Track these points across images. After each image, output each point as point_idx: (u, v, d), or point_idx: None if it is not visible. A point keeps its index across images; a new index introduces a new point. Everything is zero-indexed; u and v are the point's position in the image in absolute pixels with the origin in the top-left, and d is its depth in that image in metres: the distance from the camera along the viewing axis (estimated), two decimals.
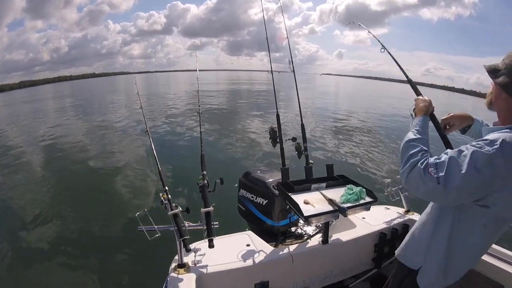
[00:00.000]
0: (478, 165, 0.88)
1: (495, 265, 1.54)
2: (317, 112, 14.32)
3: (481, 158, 0.88)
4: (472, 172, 0.88)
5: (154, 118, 12.24)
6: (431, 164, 0.93)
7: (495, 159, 0.87)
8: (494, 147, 0.88)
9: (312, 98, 21.97)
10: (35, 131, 10.93)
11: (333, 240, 1.71)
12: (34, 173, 6.13)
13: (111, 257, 3.24)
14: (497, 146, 0.87)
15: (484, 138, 0.93)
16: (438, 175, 0.90)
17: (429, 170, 0.92)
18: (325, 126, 10.77)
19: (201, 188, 1.55)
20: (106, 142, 8.55)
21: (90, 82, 65.50)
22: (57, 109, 17.45)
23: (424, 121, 1.12)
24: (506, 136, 0.90)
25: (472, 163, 0.88)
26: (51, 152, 7.67)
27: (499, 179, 0.89)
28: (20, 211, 4.39)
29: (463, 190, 0.91)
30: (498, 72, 0.99)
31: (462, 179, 0.88)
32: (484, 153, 0.88)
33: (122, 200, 4.65)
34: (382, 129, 10.48)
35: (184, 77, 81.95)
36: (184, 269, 1.40)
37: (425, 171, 0.93)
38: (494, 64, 1.02)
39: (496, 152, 0.87)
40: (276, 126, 1.99)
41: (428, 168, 0.93)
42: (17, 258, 3.26)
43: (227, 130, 9.90)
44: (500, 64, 1.00)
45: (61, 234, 3.70)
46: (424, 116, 1.14)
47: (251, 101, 19.65)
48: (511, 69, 0.96)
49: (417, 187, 0.96)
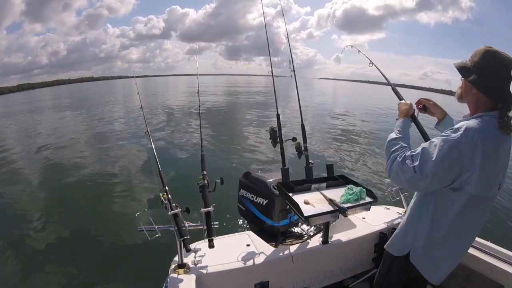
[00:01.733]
0: (445, 150, 1.01)
1: (495, 265, 1.54)
2: (317, 113, 14.33)
3: (448, 143, 1.01)
4: (441, 157, 1.01)
5: (154, 118, 12.26)
6: (408, 156, 1.08)
7: (460, 143, 1.00)
8: (459, 132, 1.01)
9: (312, 100, 22.01)
10: (34, 132, 10.95)
11: (333, 240, 1.70)
12: (34, 174, 6.13)
13: (111, 257, 3.24)
14: (461, 132, 1.01)
15: (451, 128, 1.06)
16: (414, 165, 1.05)
17: (406, 162, 1.07)
18: (325, 126, 10.79)
19: (201, 188, 1.55)
20: (106, 143, 8.55)
21: (89, 86, 65.62)
22: (56, 111, 17.41)
23: (404, 122, 1.29)
24: (469, 123, 1.04)
25: (441, 149, 1.02)
26: (51, 153, 7.67)
27: (466, 159, 1.01)
28: (20, 212, 4.39)
29: (436, 173, 1.03)
30: (467, 70, 1.10)
31: (434, 164, 1.02)
32: (450, 139, 1.02)
33: (122, 200, 4.65)
34: (382, 129, 10.50)
35: (183, 81, 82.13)
36: (184, 269, 1.40)
37: (403, 163, 1.08)
38: (463, 62, 1.13)
39: (461, 136, 1.00)
40: (276, 126, 1.99)
41: (406, 160, 1.08)
42: (17, 258, 3.26)
43: (227, 130, 9.91)
44: (468, 62, 1.11)
45: (61, 234, 3.69)
46: (405, 118, 1.31)
47: (250, 102, 19.67)
48: (479, 66, 1.07)
49: (398, 178, 1.12)
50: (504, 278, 1.51)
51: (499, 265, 1.53)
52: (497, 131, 1.03)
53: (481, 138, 1.00)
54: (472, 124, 1.03)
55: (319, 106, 18.57)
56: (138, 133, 9.03)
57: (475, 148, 1.00)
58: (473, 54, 1.11)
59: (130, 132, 9.91)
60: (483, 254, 1.60)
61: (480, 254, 1.60)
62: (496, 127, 1.04)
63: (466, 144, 1.00)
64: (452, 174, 1.03)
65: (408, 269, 1.24)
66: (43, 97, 34.13)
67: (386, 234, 1.83)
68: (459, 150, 1.00)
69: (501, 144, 1.05)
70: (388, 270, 1.33)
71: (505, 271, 1.50)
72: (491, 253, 1.59)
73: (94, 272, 2.98)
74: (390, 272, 1.32)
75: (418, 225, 1.20)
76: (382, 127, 11.06)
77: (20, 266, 3.13)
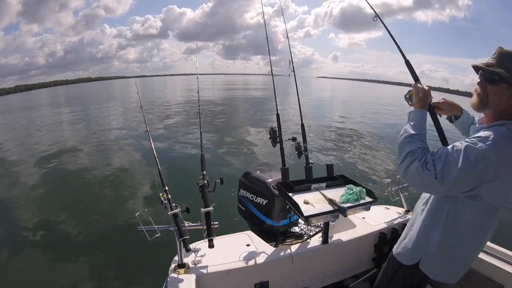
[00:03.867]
0: (472, 159, 0.95)
1: (495, 265, 1.54)
2: (316, 112, 14.33)
3: (475, 153, 0.95)
4: (466, 167, 0.95)
5: (154, 118, 12.26)
6: (429, 159, 1.00)
7: (488, 154, 0.94)
8: (488, 143, 0.95)
9: (311, 100, 22.00)
10: (33, 134, 10.96)
11: (333, 240, 1.70)
12: (33, 175, 6.13)
13: (111, 257, 3.24)
14: (490, 142, 0.95)
15: (477, 136, 1.00)
16: (436, 171, 0.98)
17: (426, 166, 1.00)
18: (325, 126, 10.78)
19: (201, 188, 1.55)
20: (105, 143, 8.56)
21: (86, 86, 65.52)
22: (54, 112, 17.44)
23: (422, 115, 1.15)
24: (498, 132, 0.98)
25: (468, 158, 0.95)
26: (51, 154, 7.67)
27: (491, 170, 0.96)
28: (20, 212, 4.40)
29: (458, 182, 0.98)
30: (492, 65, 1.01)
31: (458, 173, 0.96)
32: (478, 149, 0.96)
33: (122, 200, 4.65)
34: (381, 129, 10.50)
35: (180, 81, 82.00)
36: (184, 269, 1.40)
37: (423, 168, 1.00)
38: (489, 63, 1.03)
39: (490, 147, 0.95)
40: (276, 126, 1.99)
41: (426, 163, 1.00)
42: (17, 258, 3.27)
43: (227, 130, 9.91)
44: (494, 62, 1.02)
45: (61, 234, 3.70)
46: (423, 110, 1.16)
47: (250, 102, 19.67)
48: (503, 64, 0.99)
49: (414, 180, 1.05)
50: (504, 278, 1.51)
51: (499, 265, 1.53)
52: None
53: (508, 151, 0.95)
54: (501, 134, 0.97)
55: (318, 106, 18.58)
56: (138, 133, 9.03)
57: (503, 160, 0.95)
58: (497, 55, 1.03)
59: (130, 132, 9.91)
60: (483, 254, 1.59)
61: (480, 254, 1.60)
62: None
63: (495, 157, 0.94)
64: (473, 183, 0.99)
65: (414, 274, 1.23)
66: (40, 98, 34.13)
67: (386, 234, 1.83)
68: (487, 161, 0.95)
69: None
70: (392, 276, 1.30)
71: (505, 271, 1.50)
72: (491, 253, 1.59)
73: (94, 272, 2.98)
74: (395, 278, 1.29)
75: (430, 233, 1.16)
76: (382, 126, 11.06)
77: (20, 266, 3.13)
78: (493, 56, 1.04)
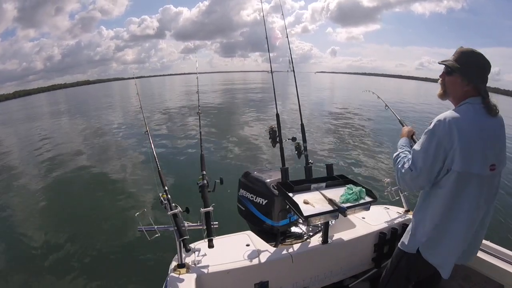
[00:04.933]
0: (426, 141, 1.18)
1: (495, 265, 1.54)
2: (316, 112, 14.32)
3: (427, 135, 1.18)
4: (425, 148, 1.18)
5: (154, 118, 12.26)
6: (405, 161, 1.27)
7: (435, 130, 1.15)
8: (433, 123, 1.17)
9: (310, 97, 22.00)
10: (34, 136, 10.97)
11: (333, 240, 1.70)
12: (34, 175, 6.14)
13: (111, 257, 3.24)
14: (435, 121, 1.17)
15: None
16: (409, 165, 1.23)
17: (404, 166, 1.25)
18: (324, 126, 10.77)
19: (201, 188, 1.55)
20: (105, 143, 8.56)
21: (85, 89, 65.42)
22: (54, 115, 17.38)
23: (406, 140, 1.49)
24: (442, 114, 1.17)
25: (423, 142, 1.19)
26: (51, 155, 7.68)
27: (445, 141, 1.13)
28: (20, 213, 4.40)
29: (426, 164, 1.18)
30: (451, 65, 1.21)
31: (421, 157, 1.19)
32: (427, 130, 1.18)
33: (122, 200, 4.65)
34: (381, 129, 10.49)
35: (179, 80, 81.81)
36: (184, 269, 1.40)
37: (402, 168, 1.26)
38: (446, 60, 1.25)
39: (435, 125, 1.16)
40: (276, 126, 1.99)
41: (403, 164, 1.26)
42: (17, 258, 3.27)
43: (227, 130, 9.90)
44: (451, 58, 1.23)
45: (61, 234, 3.69)
46: (406, 138, 1.52)
47: (249, 101, 19.66)
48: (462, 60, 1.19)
49: (405, 183, 1.27)
50: (504, 278, 1.52)
51: (499, 265, 1.53)
52: (476, 113, 1.15)
53: (455, 121, 1.12)
54: (445, 113, 1.17)
55: (318, 103, 18.55)
56: (138, 133, 9.03)
57: (450, 130, 1.12)
58: (455, 53, 1.23)
59: (130, 132, 9.92)
60: (483, 254, 1.59)
61: (480, 253, 1.60)
62: (475, 110, 1.15)
63: (441, 130, 1.13)
64: (441, 157, 1.15)
65: (419, 267, 1.30)
66: (40, 103, 34.03)
67: (386, 234, 1.83)
68: (437, 136, 1.14)
69: (484, 124, 1.14)
70: (396, 265, 1.39)
71: (505, 271, 1.50)
72: (491, 253, 1.59)
73: (94, 272, 2.98)
74: (398, 267, 1.38)
75: (423, 220, 1.27)
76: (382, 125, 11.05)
77: (20, 266, 3.13)
78: (453, 54, 1.24)
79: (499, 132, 1.19)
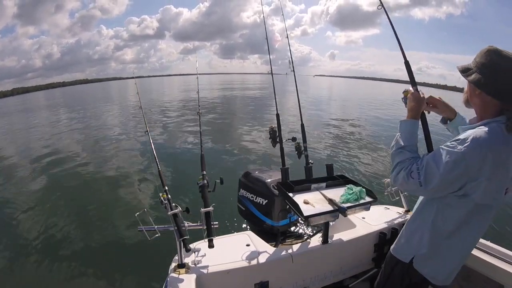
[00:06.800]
0: (451, 164, 0.98)
1: (495, 265, 1.54)
2: (315, 112, 14.33)
3: (454, 156, 0.98)
4: (447, 171, 0.98)
5: (154, 119, 12.25)
6: (414, 169, 1.05)
7: (467, 156, 0.96)
8: (465, 144, 0.97)
9: (309, 99, 22.00)
10: (32, 134, 10.97)
11: (333, 240, 1.71)
12: (33, 174, 6.13)
13: (111, 257, 3.24)
14: (468, 143, 0.96)
15: (457, 138, 1.01)
16: (419, 180, 1.03)
17: (411, 175, 1.05)
18: (324, 126, 10.77)
19: (201, 188, 1.55)
20: (105, 143, 8.55)
21: (84, 88, 65.29)
22: (53, 114, 17.34)
23: (413, 126, 1.17)
24: (476, 133, 0.98)
25: (447, 163, 0.98)
26: (50, 155, 7.67)
27: (473, 170, 0.97)
28: (20, 213, 4.39)
29: (441, 186, 1.02)
30: (469, 70, 1.06)
31: (439, 179, 1.00)
32: (457, 152, 0.97)
33: (122, 200, 4.65)
34: (381, 129, 10.50)
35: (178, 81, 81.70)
36: (184, 269, 1.40)
37: (408, 176, 1.06)
38: (466, 65, 1.09)
39: (468, 149, 0.96)
40: (276, 126, 1.99)
41: (411, 173, 1.05)
42: (17, 259, 3.26)
43: (227, 130, 9.91)
44: (472, 63, 1.07)
45: (61, 234, 3.69)
46: (414, 120, 1.18)
47: (249, 102, 19.66)
48: (481, 66, 1.02)
49: (402, 187, 1.24)
50: (504, 278, 1.52)
51: (499, 265, 1.53)
52: (505, 137, 0.97)
53: (490, 149, 0.95)
54: (479, 134, 0.97)
55: (317, 105, 18.56)
56: (138, 133, 9.03)
57: (483, 159, 0.95)
58: (476, 55, 1.06)
59: (130, 132, 9.91)
60: (483, 254, 1.60)
61: (480, 254, 1.60)
62: (504, 133, 0.97)
63: (474, 158, 0.96)
64: (458, 184, 1.01)
65: (411, 274, 1.23)
66: (38, 101, 33.97)
67: (386, 234, 1.83)
68: (466, 163, 0.96)
69: (511, 150, 0.98)
70: (390, 273, 1.33)
71: (505, 271, 1.50)
72: (491, 253, 1.59)
73: (94, 272, 2.97)
74: (392, 275, 1.32)
75: (421, 231, 1.18)
76: (382, 126, 11.06)
77: (20, 266, 3.13)
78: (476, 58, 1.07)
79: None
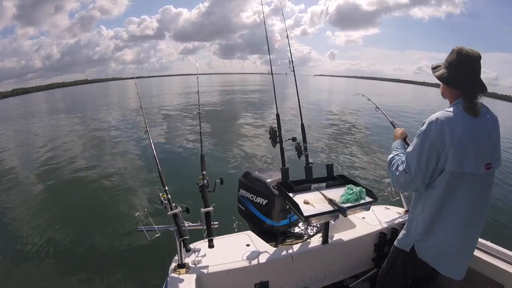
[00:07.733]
0: (419, 143, 1.20)
1: (495, 265, 1.54)
2: (315, 111, 14.33)
3: (419, 137, 1.20)
4: (418, 151, 1.20)
5: (154, 119, 12.25)
6: (399, 163, 1.29)
7: (427, 132, 1.18)
8: (425, 125, 1.20)
9: (309, 99, 21.99)
10: (32, 135, 10.98)
11: (333, 240, 1.71)
12: (33, 175, 6.13)
13: (111, 257, 3.24)
14: (427, 123, 1.20)
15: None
16: (403, 168, 1.24)
17: (398, 168, 1.27)
18: (324, 126, 10.78)
19: (201, 188, 1.55)
20: (105, 144, 8.55)
21: (84, 89, 65.17)
22: (53, 114, 17.25)
23: (399, 143, 1.51)
24: (434, 114, 1.20)
25: (416, 144, 1.21)
26: (50, 155, 7.68)
27: (438, 143, 1.16)
28: (20, 213, 4.39)
29: (420, 165, 1.19)
30: (438, 67, 1.28)
31: (415, 159, 1.20)
32: (420, 133, 1.21)
33: (122, 200, 4.64)
34: (381, 129, 10.49)
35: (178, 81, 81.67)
36: (184, 269, 1.40)
37: (397, 171, 1.28)
38: (439, 63, 1.30)
39: (427, 127, 1.18)
40: (276, 126, 1.99)
41: (398, 167, 1.28)
42: (17, 259, 3.26)
43: (227, 130, 9.90)
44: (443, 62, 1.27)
45: (61, 234, 3.69)
46: (400, 140, 1.55)
47: (249, 102, 19.66)
48: (448, 63, 1.24)
49: (400, 185, 1.30)
50: (504, 278, 1.52)
51: (499, 265, 1.53)
52: (462, 114, 1.17)
53: (446, 122, 1.15)
54: (436, 114, 1.19)
55: (317, 104, 18.55)
56: (138, 134, 9.02)
57: (442, 131, 1.14)
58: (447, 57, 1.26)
59: (130, 132, 9.90)
60: (483, 254, 1.60)
61: (480, 254, 1.60)
62: (461, 111, 1.18)
63: (433, 132, 1.16)
64: (433, 159, 1.18)
65: (415, 263, 1.31)
66: (38, 101, 33.79)
67: (386, 234, 1.83)
68: (429, 138, 1.17)
69: (475, 125, 1.16)
70: (393, 263, 1.41)
71: (505, 271, 1.51)
72: (491, 253, 1.59)
73: (94, 272, 2.97)
74: (394, 265, 1.41)
75: (416, 219, 1.30)
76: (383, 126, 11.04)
77: (20, 266, 3.13)
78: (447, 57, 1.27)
79: (492, 132, 1.20)
